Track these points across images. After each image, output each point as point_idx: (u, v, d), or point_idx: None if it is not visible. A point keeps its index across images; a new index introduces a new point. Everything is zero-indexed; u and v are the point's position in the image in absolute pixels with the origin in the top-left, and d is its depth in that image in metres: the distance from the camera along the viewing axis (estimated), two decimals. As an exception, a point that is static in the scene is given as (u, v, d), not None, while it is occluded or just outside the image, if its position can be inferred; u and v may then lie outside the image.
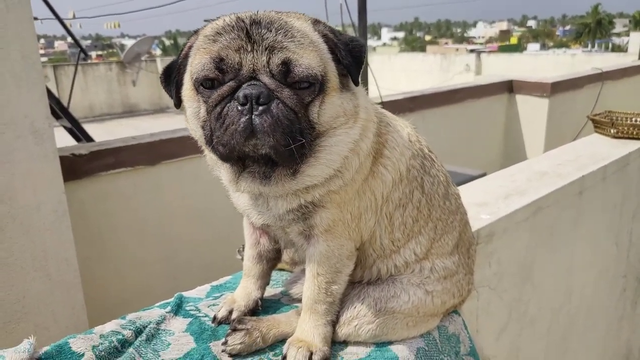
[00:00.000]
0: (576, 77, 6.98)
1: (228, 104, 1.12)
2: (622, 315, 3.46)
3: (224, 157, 1.18)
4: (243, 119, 1.09)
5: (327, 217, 1.28)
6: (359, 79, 1.23)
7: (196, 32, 1.23)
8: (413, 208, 1.41)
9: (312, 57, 1.14)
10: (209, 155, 1.31)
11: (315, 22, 1.23)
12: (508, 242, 2.21)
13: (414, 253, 1.44)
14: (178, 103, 1.27)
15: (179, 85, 1.25)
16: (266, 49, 1.11)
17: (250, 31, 1.12)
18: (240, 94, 1.10)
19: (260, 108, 1.09)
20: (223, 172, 1.30)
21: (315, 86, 1.15)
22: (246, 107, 1.09)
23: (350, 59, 1.20)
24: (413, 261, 1.44)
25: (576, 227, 2.72)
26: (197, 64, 1.15)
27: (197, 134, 1.25)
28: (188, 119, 1.26)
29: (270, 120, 1.09)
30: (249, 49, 1.12)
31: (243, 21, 1.14)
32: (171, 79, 1.26)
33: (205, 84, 1.15)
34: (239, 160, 1.21)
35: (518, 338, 2.43)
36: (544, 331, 2.64)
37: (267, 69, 1.12)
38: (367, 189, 1.33)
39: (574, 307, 2.85)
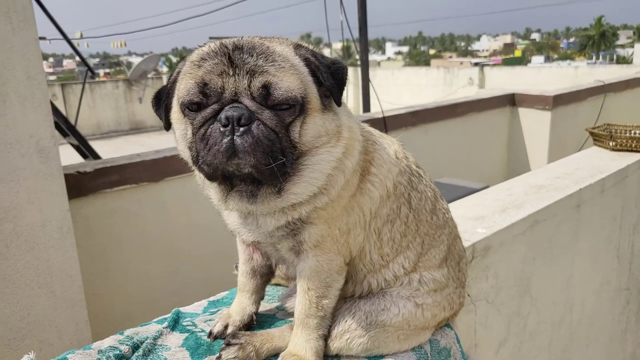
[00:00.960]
0: (578, 90, 6.99)
1: (211, 126, 1.17)
2: (625, 329, 3.44)
3: (209, 177, 1.23)
4: (225, 140, 1.14)
5: (316, 233, 1.32)
6: (341, 100, 1.27)
7: (184, 58, 1.29)
8: (401, 223, 1.44)
9: (292, 80, 1.18)
10: (198, 175, 1.36)
11: (297, 47, 1.27)
12: (505, 255, 2.23)
13: (403, 267, 1.46)
14: (167, 126, 1.33)
15: (168, 109, 1.31)
16: (247, 72, 1.16)
17: (232, 56, 1.17)
18: (223, 115, 1.15)
19: (242, 129, 1.14)
20: (212, 191, 1.35)
21: (295, 107, 1.19)
22: (228, 128, 1.14)
23: (332, 80, 1.24)
24: (402, 274, 1.47)
25: (575, 240, 2.72)
26: (183, 88, 1.21)
27: (186, 155, 1.30)
28: (177, 140, 1.31)
29: (251, 140, 1.14)
30: (231, 73, 1.17)
31: (226, 47, 1.19)
32: (161, 103, 1.32)
33: (190, 107, 1.20)
34: (225, 179, 1.25)
35: (518, 352, 2.42)
36: (545, 345, 2.63)
37: (249, 92, 1.17)
38: (355, 205, 1.36)
39: (575, 320, 2.84)
